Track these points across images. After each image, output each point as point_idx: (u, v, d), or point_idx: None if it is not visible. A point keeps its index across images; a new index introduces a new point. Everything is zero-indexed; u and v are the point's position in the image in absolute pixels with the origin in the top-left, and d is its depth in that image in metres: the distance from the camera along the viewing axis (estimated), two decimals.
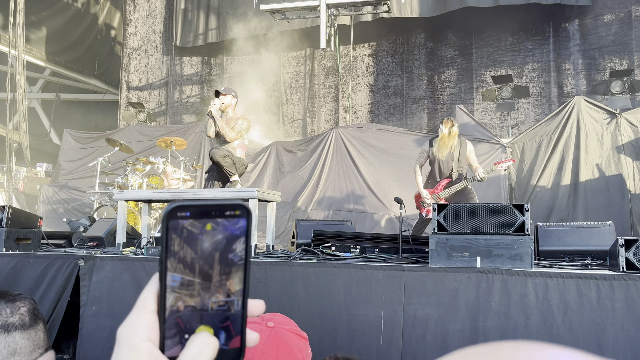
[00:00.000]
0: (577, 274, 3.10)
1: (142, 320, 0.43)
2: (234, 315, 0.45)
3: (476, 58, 10.14)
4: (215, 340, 0.44)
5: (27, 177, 12.00)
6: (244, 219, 0.45)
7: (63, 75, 16.00)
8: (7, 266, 4.23)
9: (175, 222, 0.44)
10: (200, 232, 0.44)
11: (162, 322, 0.44)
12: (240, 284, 0.45)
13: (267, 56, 11.28)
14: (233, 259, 0.45)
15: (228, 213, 0.45)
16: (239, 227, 0.45)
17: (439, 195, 5.34)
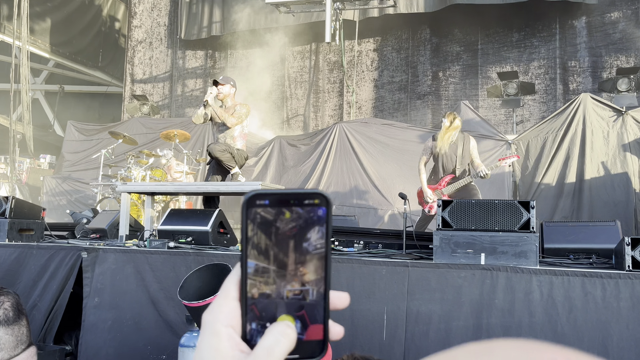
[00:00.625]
0: (582, 272, 3.07)
1: (223, 306, 0.44)
2: (310, 305, 0.45)
3: (482, 54, 10.08)
4: (293, 331, 0.44)
5: (30, 168, 12.02)
6: (323, 208, 0.45)
7: (67, 67, 15.99)
8: (10, 257, 4.23)
9: (254, 210, 0.44)
10: (279, 221, 0.45)
11: (244, 309, 0.44)
12: (318, 274, 0.45)
13: (272, 50, 11.24)
14: (311, 248, 0.45)
15: (307, 202, 0.45)
16: (318, 216, 0.45)
17: (442, 191, 5.32)
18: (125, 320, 3.70)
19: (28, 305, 4.11)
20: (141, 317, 3.73)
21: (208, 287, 2.83)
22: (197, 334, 2.95)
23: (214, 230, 4.15)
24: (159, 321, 3.72)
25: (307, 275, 0.45)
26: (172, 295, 3.77)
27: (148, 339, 3.69)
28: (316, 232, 0.45)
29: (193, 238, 4.13)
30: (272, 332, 0.43)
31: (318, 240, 0.45)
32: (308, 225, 0.45)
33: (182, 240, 4.11)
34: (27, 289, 4.16)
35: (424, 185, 5.39)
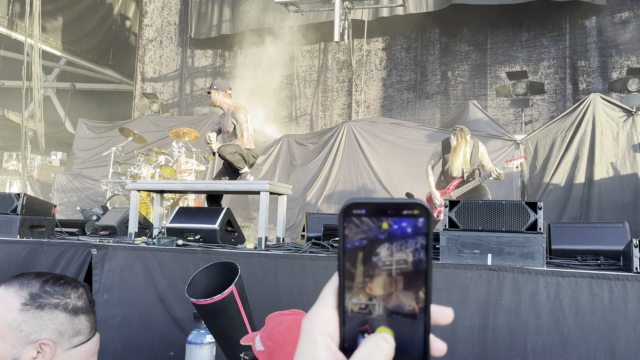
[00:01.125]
0: (589, 273, 3.07)
1: (321, 314, 0.44)
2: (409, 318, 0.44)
3: (490, 54, 10.04)
4: (390, 345, 0.43)
5: (41, 165, 12.15)
6: (422, 219, 0.44)
7: (78, 64, 16.13)
8: (22, 253, 4.29)
9: (351, 219, 0.43)
10: (376, 231, 0.43)
11: (342, 318, 0.44)
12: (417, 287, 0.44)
13: (281, 49, 11.27)
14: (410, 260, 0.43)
15: (405, 212, 0.44)
16: (418, 227, 0.44)
17: (450, 195, 5.32)
18: (134, 316, 3.75)
19: None
20: (149, 313, 3.77)
21: (215, 285, 2.86)
22: (204, 331, 2.98)
23: (222, 229, 4.18)
24: (167, 318, 3.76)
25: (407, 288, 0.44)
26: (180, 293, 3.80)
27: (156, 336, 3.73)
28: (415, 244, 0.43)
29: (201, 236, 4.17)
30: (367, 345, 0.42)
31: (417, 253, 0.43)
32: (407, 237, 0.44)
33: (191, 238, 4.14)
34: None
35: (432, 188, 5.40)
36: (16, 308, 1.05)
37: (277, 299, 3.68)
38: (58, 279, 1.12)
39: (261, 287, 3.69)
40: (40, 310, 1.06)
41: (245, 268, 3.66)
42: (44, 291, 1.08)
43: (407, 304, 0.44)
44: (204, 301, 2.61)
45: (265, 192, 4.07)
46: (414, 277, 0.43)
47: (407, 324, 0.44)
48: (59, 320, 1.07)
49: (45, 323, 1.05)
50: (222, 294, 2.61)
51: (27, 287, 1.07)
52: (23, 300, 1.06)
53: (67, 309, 1.09)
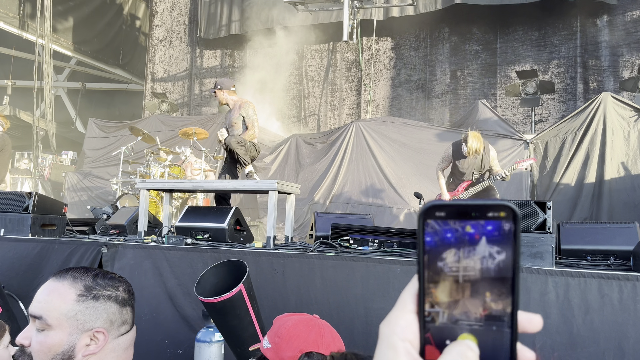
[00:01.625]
0: (599, 274, 3.05)
1: (400, 319, 0.42)
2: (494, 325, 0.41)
3: (500, 53, 9.99)
4: (475, 353, 0.40)
5: (52, 164, 12.26)
6: (510, 222, 0.41)
7: (88, 64, 16.25)
8: (33, 251, 4.34)
9: (431, 222, 0.42)
10: (459, 234, 0.41)
11: (422, 324, 0.42)
12: (503, 292, 0.41)
13: (290, 49, 11.29)
14: (496, 265, 0.41)
15: (491, 214, 0.41)
16: (504, 231, 0.41)
17: (459, 197, 5.32)
18: (144, 314, 3.77)
19: None
20: (159, 311, 3.80)
21: (224, 283, 2.87)
22: (213, 329, 3.00)
23: (230, 228, 4.20)
24: (176, 316, 3.78)
25: (492, 293, 0.41)
26: (189, 291, 3.83)
27: (165, 334, 3.76)
28: (502, 249, 0.41)
29: (210, 235, 4.19)
30: (450, 352, 0.40)
31: (504, 257, 0.41)
32: (492, 241, 0.41)
33: (200, 237, 4.16)
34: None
35: (443, 190, 5.40)
36: (72, 299, 1.12)
37: (285, 297, 3.69)
38: (105, 273, 1.21)
39: (269, 285, 3.71)
40: (95, 300, 1.14)
41: (254, 267, 3.68)
42: (96, 284, 1.16)
43: (492, 310, 0.41)
44: (212, 299, 2.63)
45: (273, 192, 4.08)
46: (499, 283, 0.41)
47: (492, 332, 0.41)
48: (111, 310, 1.15)
49: (100, 313, 1.14)
50: (230, 292, 2.63)
51: (81, 280, 1.15)
52: (79, 291, 1.13)
53: (118, 300, 1.17)
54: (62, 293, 1.13)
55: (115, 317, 1.16)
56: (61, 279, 1.16)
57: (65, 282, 1.15)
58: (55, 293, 1.13)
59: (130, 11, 16.34)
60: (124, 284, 1.22)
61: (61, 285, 1.14)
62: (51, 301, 1.12)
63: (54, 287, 1.14)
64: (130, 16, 16.36)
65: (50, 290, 1.14)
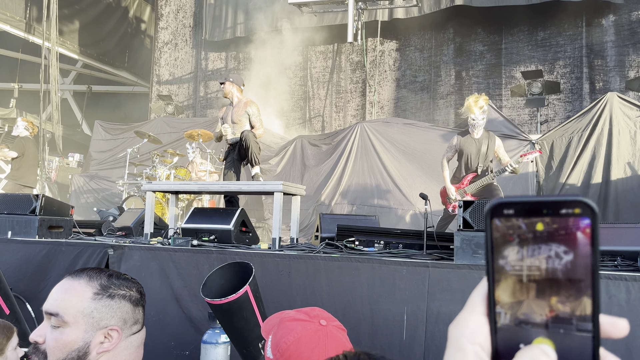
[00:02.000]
0: (606, 274, 3.04)
1: (470, 321, 0.41)
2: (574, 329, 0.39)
3: (505, 53, 9.97)
4: (551, 359, 0.38)
5: (59, 166, 12.33)
6: (586, 218, 0.38)
7: (94, 67, 16.34)
8: (40, 253, 4.36)
9: (500, 220, 0.40)
10: (529, 233, 0.39)
11: (493, 326, 0.40)
12: (582, 294, 0.38)
13: (295, 51, 11.31)
14: (572, 265, 0.38)
15: (564, 211, 0.38)
16: (580, 228, 0.38)
17: (464, 190, 5.29)
18: (150, 316, 3.79)
19: None
20: (165, 313, 3.82)
21: (230, 285, 2.88)
22: (219, 331, 3.01)
23: (236, 229, 4.21)
24: (182, 317, 3.80)
25: (568, 295, 0.38)
26: (195, 293, 3.84)
27: (172, 335, 3.78)
28: (578, 247, 0.38)
29: (216, 236, 4.20)
30: (522, 356, 0.38)
31: (581, 257, 0.38)
32: (567, 239, 0.38)
33: (205, 239, 4.18)
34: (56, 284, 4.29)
35: (446, 181, 5.37)
36: (89, 297, 1.15)
37: (290, 299, 3.70)
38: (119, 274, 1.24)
39: (275, 287, 3.71)
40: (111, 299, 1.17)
41: (260, 268, 3.68)
42: (112, 283, 1.19)
43: (570, 312, 0.38)
44: (218, 301, 2.64)
45: (279, 193, 4.09)
46: (577, 284, 0.38)
47: (570, 336, 0.38)
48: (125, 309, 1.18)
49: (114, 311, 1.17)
50: (236, 293, 2.63)
51: (97, 279, 1.19)
52: (95, 290, 1.17)
53: (131, 300, 1.21)
54: (79, 291, 1.15)
55: (128, 316, 1.19)
56: (77, 278, 1.19)
57: (82, 281, 1.17)
58: (72, 291, 1.16)
59: (136, 14, 16.42)
60: (137, 285, 1.25)
61: (77, 283, 1.17)
62: (68, 299, 1.14)
63: (70, 285, 1.17)
64: (136, 19, 16.44)
65: (66, 288, 1.17)
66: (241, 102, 5.30)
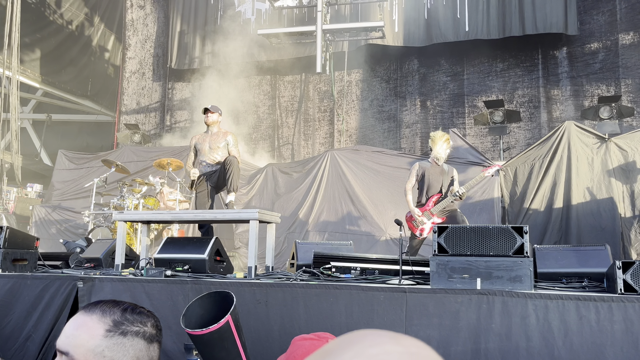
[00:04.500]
0: (576, 295, 3.15)
1: None
2: None
3: (467, 84, 10.35)
4: None
5: (17, 197, 11.90)
6: None
7: (56, 95, 16.01)
8: (4, 287, 4.19)
9: None
10: None
11: None
12: None
13: (263, 80, 11.42)
14: None
15: None
16: None
17: (430, 211, 5.39)
18: None
19: (22, 337, 4.06)
20: None
21: (209, 315, 2.84)
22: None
23: (210, 258, 4.16)
24: None
25: None
26: (169, 324, 3.75)
27: None
28: None
29: (190, 266, 4.14)
30: None
31: None
32: None
33: (179, 269, 4.11)
34: (20, 319, 4.11)
35: (410, 205, 5.48)
36: (100, 334, 1.10)
37: (268, 328, 3.66)
38: (134, 307, 1.19)
39: (252, 316, 3.67)
40: (123, 337, 1.12)
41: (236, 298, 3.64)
42: (125, 319, 1.14)
43: None
44: (199, 331, 2.60)
45: (254, 221, 4.09)
46: None
47: None
48: (138, 347, 1.13)
49: (127, 349, 1.12)
50: (218, 323, 2.60)
51: (110, 315, 1.13)
52: (107, 327, 1.12)
53: (145, 337, 1.15)
54: (90, 328, 1.11)
55: (142, 354, 1.14)
56: (90, 313, 1.14)
57: (94, 317, 1.13)
58: (83, 328, 1.11)
59: (99, 43, 16.27)
60: (152, 319, 1.20)
61: (89, 319, 1.13)
62: (79, 336, 1.10)
63: (82, 322, 1.12)
64: (99, 48, 16.29)
65: (78, 324, 1.12)
66: (220, 132, 5.42)
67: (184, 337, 3.42)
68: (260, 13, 10.98)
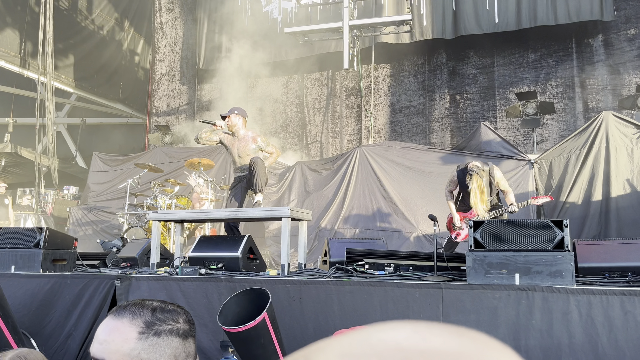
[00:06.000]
0: (620, 290, 3.04)
1: None
2: None
3: (498, 76, 10.14)
4: None
5: (55, 200, 12.24)
6: None
7: (89, 100, 16.41)
8: (45, 287, 4.30)
9: None
10: None
11: None
12: None
13: (290, 79, 11.43)
14: None
15: None
16: None
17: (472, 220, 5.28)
18: None
19: (63, 335, 4.16)
20: None
21: (245, 312, 2.85)
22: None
23: (244, 256, 4.18)
24: None
25: None
26: (205, 322, 3.79)
27: None
28: None
29: (224, 264, 4.17)
30: None
31: None
32: None
33: (213, 267, 4.14)
34: (61, 318, 4.22)
35: (453, 212, 5.39)
36: (134, 337, 1.08)
37: (303, 325, 3.65)
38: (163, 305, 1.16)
39: (287, 313, 3.67)
40: (157, 337, 1.10)
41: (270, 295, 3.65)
42: (156, 318, 1.12)
43: None
44: (236, 328, 2.60)
45: (286, 218, 4.08)
46: None
47: None
48: (174, 345, 1.11)
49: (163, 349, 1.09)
50: (254, 320, 2.60)
51: (141, 316, 1.11)
52: (139, 329, 1.09)
53: (179, 334, 1.13)
54: (122, 332, 1.09)
55: (178, 352, 1.12)
56: (120, 316, 1.12)
57: (125, 320, 1.11)
58: (115, 333, 1.09)
59: (130, 47, 16.59)
60: (184, 315, 1.18)
61: (121, 323, 1.10)
62: (112, 342, 1.08)
63: (114, 326, 1.10)
64: (129, 51, 16.61)
65: (110, 329, 1.10)
66: (248, 136, 5.08)
67: (220, 335, 3.45)
68: (287, 12, 10.98)
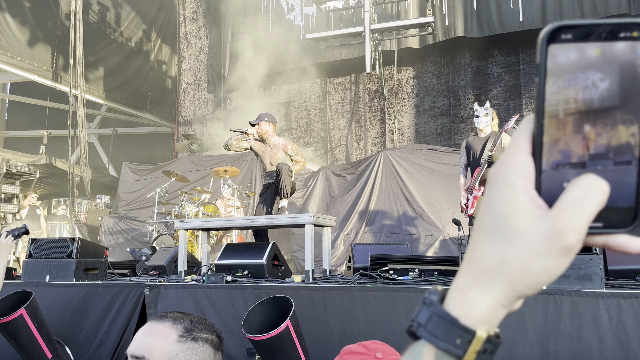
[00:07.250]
0: None
1: (516, 159, 0.39)
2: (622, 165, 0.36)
3: (524, 74, 9.97)
4: (606, 184, 0.36)
5: (88, 209, 12.58)
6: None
7: (118, 110, 16.82)
8: (78, 296, 4.43)
9: (556, 46, 0.37)
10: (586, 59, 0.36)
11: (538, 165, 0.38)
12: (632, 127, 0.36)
13: (314, 84, 11.49)
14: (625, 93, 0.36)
15: (622, 35, 0.36)
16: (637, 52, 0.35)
17: (474, 186, 5.20)
18: None
19: (95, 342, 4.28)
20: None
21: (269, 320, 2.88)
22: None
23: (269, 263, 4.23)
24: None
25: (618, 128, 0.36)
26: (231, 329, 3.84)
27: None
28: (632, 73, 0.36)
29: (249, 271, 4.22)
30: (579, 184, 0.36)
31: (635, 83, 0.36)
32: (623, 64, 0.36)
33: (239, 274, 4.20)
34: (94, 326, 4.34)
35: (461, 188, 5.38)
36: (174, 339, 1.16)
37: (328, 331, 3.67)
38: (200, 318, 1.26)
39: (311, 320, 3.69)
40: (195, 342, 1.18)
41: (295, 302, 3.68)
42: (195, 326, 1.21)
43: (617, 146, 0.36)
44: (260, 337, 2.64)
45: (310, 225, 4.11)
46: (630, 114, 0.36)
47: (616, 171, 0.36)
48: (207, 353, 1.19)
49: (198, 354, 1.17)
50: (277, 328, 2.64)
51: (181, 322, 1.20)
52: (179, 332, 1.18)
53: (213, 344, 1.22)
54: (164, 333, 1.17)
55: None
56: (162, 321, 1.20)
57: (167, 324, 1.19)
58: (157, 334, 1.17)
59: (157, 57, 16.95)
60: (217, 330, 1.27)
61: (162, 326, 1.18)
62: (153, 342, 1.16)
63: (155, 328, 1.18)
64: (157, 62, 16.96)
65: (152, 331, 1.18)
66: (279, 144, 5.04)
67: (247, 342, 3.49)
68: (308, 18, 11.05)
